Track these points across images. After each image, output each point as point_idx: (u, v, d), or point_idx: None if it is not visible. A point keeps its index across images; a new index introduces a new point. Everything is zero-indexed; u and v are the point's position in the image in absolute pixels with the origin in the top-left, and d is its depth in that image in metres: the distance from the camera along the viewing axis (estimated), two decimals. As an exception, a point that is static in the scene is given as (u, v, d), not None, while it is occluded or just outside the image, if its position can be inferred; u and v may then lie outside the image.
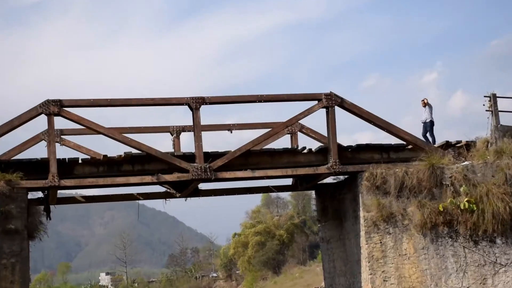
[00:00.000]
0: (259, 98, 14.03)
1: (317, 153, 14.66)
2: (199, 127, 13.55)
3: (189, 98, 13.50)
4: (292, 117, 14.33)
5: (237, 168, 14.01)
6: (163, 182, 13.76)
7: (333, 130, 14.11)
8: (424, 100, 18.59)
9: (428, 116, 18.25)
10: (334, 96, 14.17)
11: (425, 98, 18.60)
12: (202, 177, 13.36)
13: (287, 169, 14.16)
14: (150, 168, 13.67)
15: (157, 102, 13.53)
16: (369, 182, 13.98)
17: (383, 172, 14.07)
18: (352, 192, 14.73)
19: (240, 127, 17.78)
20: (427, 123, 18.09)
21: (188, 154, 13.83)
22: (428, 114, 18.22)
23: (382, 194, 14.05)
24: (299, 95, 14.31)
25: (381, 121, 14.53)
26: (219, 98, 13.89)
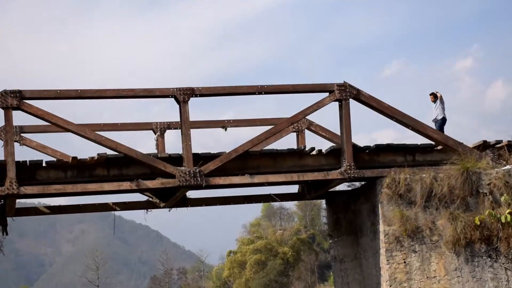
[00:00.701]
0: (259, 89, 14.04)
1: (328, 155, 14.69)
2: (187, 124, 13.56)
3: (175, 89, 13.52)
4: (298, 112, 14.33)
5: (233, 173, 14.03)
6: (144, 189, 13.76)
7: (347, 127, 14.14)
8: (434, 93, 18.47)
9: (440, 112, 18.23)
10: (349, 86, 14.19)
11: (436, 91, 18.50)
12: (191, 184, 13.38)
13: (292, 174, 14.20)
14: (129, 172, 13.69)
15: (138, 93, 13.54)
16: (390, 190, 14.01)
17: (408, 177, 14.09)
18: (370, 202, 14.76)
19: (236, 124, 17.81)
20: (439, 121, 18.00)
21: (174, 156, 13.85)
22: (440, 110, 18.20)
23: (406, 204, 14.07)
24: (307, 86, 14.33)
25: (405, 116, 14.55)
26: (211, 89, 13.91)
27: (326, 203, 17.62)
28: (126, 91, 13.49)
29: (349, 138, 14.17)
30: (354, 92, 14.19)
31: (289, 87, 14.29)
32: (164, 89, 13.62)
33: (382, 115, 14.54)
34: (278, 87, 14.30)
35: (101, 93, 13.38)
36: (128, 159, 13.46)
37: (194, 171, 13.40)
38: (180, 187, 13.56)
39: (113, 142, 13.16)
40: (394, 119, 14.55)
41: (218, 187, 14.80)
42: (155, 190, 14.43)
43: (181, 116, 13.59)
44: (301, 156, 14.69)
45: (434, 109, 18.24)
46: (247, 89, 14.14)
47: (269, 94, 14.38)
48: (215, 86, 13.96)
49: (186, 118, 13.55)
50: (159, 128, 17.16)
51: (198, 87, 13.67)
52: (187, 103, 13.54)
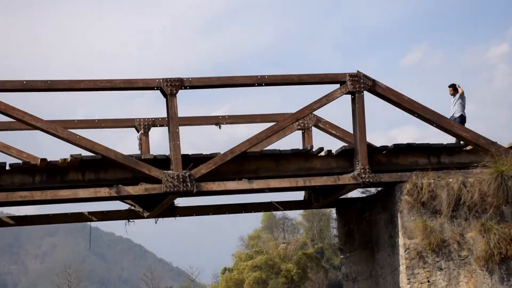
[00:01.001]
0: (259, 80, 14.05)
1: (339, 157, 14.71)
2: (175, 120, 13.56)
3: (162, 79, 13.52)
4: (304, 107, 14.34)
5: (228, 177, 14.05)
6: (125, 196, 13.76)
7: (361, 124, 14.15)
8: (454, 85, 18.18)
9: (459, 109, 17.93)
10: (363, 77, 14.20)
11: (455, 84, 18.25)
12: (180, 190, 13.39)
13: (298, 179, 14.21)
14: (108, 177, 13.69)
15: (117, 85, 13.54)
16: (411, 197, 14.02)
17: (432, 182, 14.11)
18: (387, 211, 14.78)
19: (232, 120, 17.82)
20: (457, 119, 17.69)
21: (160, 157, 13.85)
22: (458, 106, 17.90)
23: (430, 214, 14.09)
24: (314, 76, 14.34)
25: (428, 111, 14.56)
26: (203, 80, 13.91)
27: (337, 212, 17.64)
28: (103, 82, 13.48)
29: (364, 137, 14.17)
30: (369, 83, 14.20)
31: (294, 78, 14.30)
32: (149, 79, 13.62)
33: (402, 109, 14.54)
34: (281, 77, 14.30)
35: (74, 84, 13.36)
36: (106, 162, 13.45)
37: (183, 175, 13.40)
38: (167, 194, 13.56)
39: (89, 142, 13.15)
40: (416, 114, 14.56)
41: (211, 193, 14.78)
42: (138, 197, 14.41)
43: (168, 111, 13.58)
44: (307, 157, 14.70)
45: (452, 104, 18.02)
46: (245, 80, 14.15)
47: (270, 86, 14.39)
48: (208, 77, 13.96)
49: (174, 114, 13.54)
50: (142, 125, 17.15)
51: (188, 77, 13.67)
52: (175, 96, 13.54)
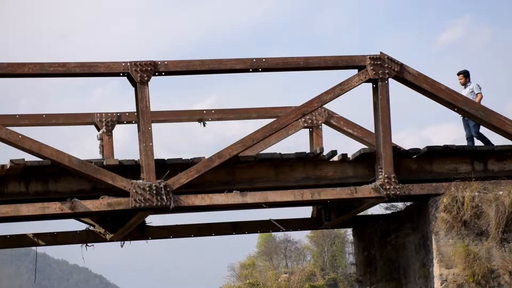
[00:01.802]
0: (255, 64, 14.08)
1: (356, 163, 14.76)
2: (147, 116, 13.58)
3: (129, 63, 13.53)
4: (312, 99, 14.37)
5: (215, 189, 14.09)
6: (81, 213, 13.80)
7: (385, 121, 14.21)
8: (466, 72, 17.87)
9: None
10: (388, 60, 14.26)
11: (467, 70, 17.93)
12: (153, 205, 13.42)
13: (304, 191, 14.26)
14: (59, 188, 13.71)
15: (71, 70, 13.52)
16: (450, 215, 14.07)
17: (476, 196, 14.18)
18: (419, 232, 14.84)
19: (220, 115, 17.87)
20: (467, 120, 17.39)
21: (127, 163, 13.88)
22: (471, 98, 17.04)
23: (474, 237, 14.16)
24: (325, 59, 14.39)
25: (473, 105, 14.63)
26: (183, 64, 13.93)
27: (354, 234, 17.67)
28: (54, 66, 13.45)
29: (388, 137, 14.23)
30: (395, 69, 14.26)
31: (299, 61, 14.33)
32: (112, 63, 13.62)
33: (438, 102, 14.59)
34: (282, 61, 14.32)
35: (16, 68, 13.32)
36: (57, 169, 13.46)
37: (157, 186, 13.43)
38: (136, 210, 13.59)
39: (35, 143, 13.15)
40: (456, 108, 14.62)
41: (193, 209, 14.82)
42: (99, 214, 14.44)
43: (137, 103, 13.60)
44: (316, 163, 14.74)
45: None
46: (237, 64, 14.17)
47: (269, 71, 14.44)
48: (189, 60, 13.96)
49: (145, 107, 13.56)
50: (104, 122, 17.18)
51: (164, 60, 13.71)
52: (147, 84, 13.56)
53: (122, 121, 17.31)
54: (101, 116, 17.20)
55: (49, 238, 16.05)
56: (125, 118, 17.26)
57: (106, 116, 17.21)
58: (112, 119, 17.23)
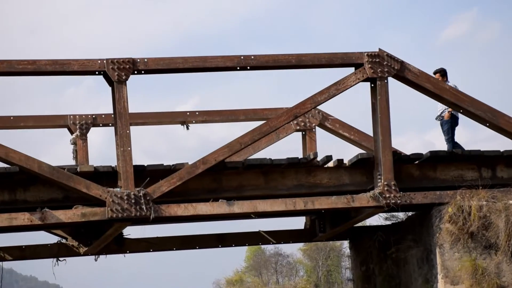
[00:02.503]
0: (242, 61, 14.08)
1: (353, 169, 14.77)
2: (125, 118, 13.55)
3: (106, 60, 13.51)
4: (305, 99, 14.37)
5: (200, 198, 14.08)
6: (53, 225, 13.76)
7: (384, 123, 14.21)
8: (443, 70, 17.65)
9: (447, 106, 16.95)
10: (388, 58, 14.27)
11: (444, 69, 17.69)
12: (131, 215, 13.38)
13: (296, 200, 14.23)
14: (28, 197, 13.67)
15: (42, 68, 13.49)
16: (455, 226, 14.07)
17: (484, 205, 14.19)
18: (421, 245, 14.84)
19: (205, 117, 17.88)
20: (445, 122, 17.41)
21: (103, 169, 13.86)
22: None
23: (481, 250, 14.17)
24: (319, 56, 14.40)
25: (479, 105, 14.63)
26: (164, 62, 13.91)
27: (351, 246, 17.69)
28: (23, 64, 13.42)
29: (388, 141, 14.23)
30: (395, 66, 14.27)
31: (290, 59, 14.34)
32: (87, 60, 13.59)
33: (441, 102, 14.68)
34: (273, 58, 14.32)
35: (-18, 67, 13.34)
36: (26, 176, 13.42)
37: (136, 194, 13.39)
38: (113, 221, 13.56)
39: (2, 148, 13.09)
40: (461, 109, 14.63)
41: (175, 220, 14.82)
42: (72, 226, 14.38)
43: (114, 105, 13.58)
44: (309, 170, 14.74)
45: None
46: (223, 62, 14.16)
47: (258, 70, 14.46)
48: (171, 57, 13.96)
49: (123, 109, 13.53)
50: (78, 125, 17.16)
51: (143, 58, 13.69)
52: (125, 83, 13.54)
53: (98, 123, 17.29)
54: (75, 118, 17.16)
55: (17, 252, 16.00)
56: (101, 121, 17.23)
57: (80, 118, 17.18)
58: (87, 121, 17.20)
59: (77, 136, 17.11)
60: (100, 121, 17.25)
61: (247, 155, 16.29)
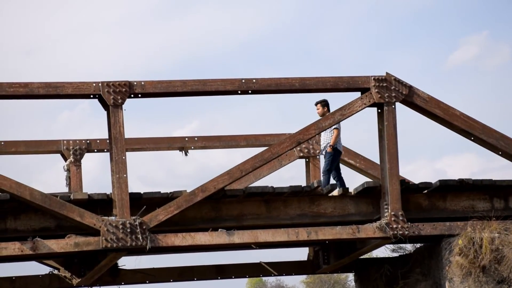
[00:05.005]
0: (244, 85, 14.08)
1: (358, 198, 14.75)
2: (121, 143, 13.53)
3: (101, 83, 13.51)
4: (309, 125, 14.37)
5: (198, 227, 14.06)
6: (45, 254, 13.69)
7: (391, 150, 14.19)
8: (325, 102, 16.59)
9: (328, 138, 16.43)
10: (395, 82, 14.26)
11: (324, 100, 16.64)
12: (127, 245, 13.35)
13: (299, 230, 14.20)
14: (19, 226, 13.66)
15: (35, 91, 13.47)
16: (466, 259, 14.01)
17: (496, 237, 14.13)
18: (430, 279, 14.83)
19: (204, 143, 17.87)
20: (327, 155, 16.50)
21: (98, 197, 13.82)
22: (329, 134, 16.36)
23: (494, 284, 14.13)
24: (324, 80, 14.40)
25: (492, 133, 14.63)
26: (161, 85, 13.91)
27: (356, 279, 17.63)
28: (15, 87, 13.41)
29: (395, 169, 14.21)
30: (403, 91, 14.26)
31: (294, 83, 14.34)
32: (82, 83, 13.59)
33: (452, 130, 14.62)
34: (275, 82, 14.33)
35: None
36: (17, 204, 13.40)
37: (131, 223, 13.35)
38: (107, 251, 13.52)
39: (-7, 174, 13.10)
40: (472, 136, 14.62)
41: (172, 250, 14.78)
42: (65, 256, 14.34)
43: (110, 129, 13.56)
44: (313, 198, 14.71)
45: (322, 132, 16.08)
46: (224, 85, 14.17)
47: (260, 93, 14.51)
48: (169, 80, 13.96)
49: (118, 134, 13.52)
50: (72, 151, 17.15)
51: (140, 80, 13.69)
52: (121, 107, 13.54)
53: (92, 149, 17.31)
54: (68, 143, 17.17)
55: (6, 283, 15.94)
56: (96, 146, 17.24)
57: (74, 144, 17.18)
58: (81, 146, 17.20)
59: (71, 162, 17.11)
60: (94, 146, 17.26)
61: (248, 183, 16.26)
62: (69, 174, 17.14)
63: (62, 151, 17.19)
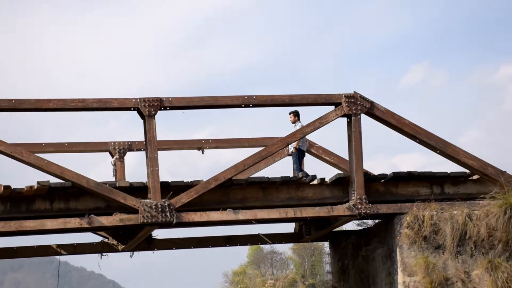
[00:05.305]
0: (246, 100, 14.08)
1: (333, 186, 14.71)
2: (154, 144, 13.54)
3: (139, 99, 13.52)
4: (295, 130, 14.42)
5: (212, 207, 14.03)
6: (97, 227, 13.73)
7: (358, 150, 14.18)
8: (297, 112, 16.52)
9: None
10: (360, 98, 14.24)
11: (298, 111, 16.54)
12: (159, 221, 13.35)
13: (288, 209, 14.19)
14: (78, 206, 13.65)
15: (89, 105, 13.52)
16: (412, 231, 14.01)
17: (434, 215, 14.12)
18: (385, 245, 14.76)
19: (216, 144, 17.84)
20: (294, 154, 16.50)
21: (137, 185, 13.82)
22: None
23: (432, 249, 14.09)
24: (307, 97, 14.40)
25: (432, 137, 14.61)
26: (184, 100, 13.92)
27: (330, 246, 17.59)
28: (75, 102, 13.45)
29: (360, 164, 14.19)
30: (366, 105, 14.25)
31: (284, 99, 14.33)
32: (125, 99, 13.61)
33: (403, 134, 14.59)
34: (270, 98, 14.33)
35: (42, 104, 13.33)
36: (77, 189, 13.39)
37: (162, 204, 13.35)
38: (144, 225, 13.51)
39: (58, 167, 13.10)
40: (418, 140, 14.60)
41: (192, 225, 14.73)
42: (112, 228, 14.35)
43: (145, 134, 13.56)
44: (298, 186, 14.69)
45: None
46: (231, 101, 14.17)
47: (259, 107, 14.43)
48: (190, 96, 13.97)
49: (152, 137, 13.52)
50: (117, 150, 17.16)
51: (168, 97, 13.69)
52: (154, 117, 13.54)
53: (133, 149, 17.31)
54: (115, 144, 17.19)
55: (70, 248, 15.99)
56: (135, 146, 17.25)
57: (119, 145, 17.19)
58: (124, 147, 17.22)
59: (116, 158, 17.12)
60: (134, 147, 17.27)
61: (249, 174, 16.22)
62: (115, 167, 17.14)
63: (110, 150, 17.19)
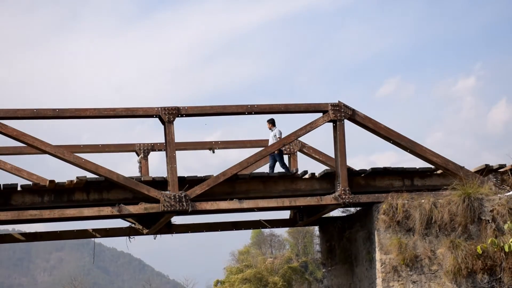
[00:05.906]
0: (249, 109, 14.08)
1: (321, 179, 14.69)
2: (172, 145, 13.54)
3: (160, 108, 13.52)
4: (290, 133, 14.38)
5: (221, 198, 14.02)
6: (126, 215, 13.73)
7: (342, 150, 14.17)
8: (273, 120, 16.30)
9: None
10: (344, 107, 14.24)
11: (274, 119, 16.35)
12: (176, 209, 13.34)
13: (284, 199, 14.18)
14: (110, 197, 13.64)
15: (119, 113, 13.54)
16: (387, 216, 14.00)
17: (406, 203, 14.10)
18: (365, 229, 14.75)
19: (224, 145, 17.82)
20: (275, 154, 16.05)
21: (158, 179, 13.82)
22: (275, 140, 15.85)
23: (404, 232, 14.07)
24: (299, 106, 14.38)
25: (403, 138, 14.60)
26: (198, 109, 13.93)
27: (319, 230, 17.59)
28: (107, 111, 13.48)
29: (344, 161, 14.18)
30: (349, 113, 14.24)
31: (280, 107, 14.33)
32: (148, 108, 13.62)
33: (378, 136, 14.58)
34: (269, 106, 14.33)
35: (80, 112, 13.35)
36: (109, 183, 13.40)
37: (179, 195, 13.35)
38: (164, 213, 13.50)
39: (93, 165, 13.10)
40: (391, 141, 14.59)
41: (205, 212, 14.74)
42: (138, 215, 14.36)
43: (166, 137, 13.57)
44: (293, 180, 14.67)
45: (271, 138, 16.09)
46: (236, 109, 14.17)
47: (259, 114, 14.43)
48: (202, 106, 14.01)
49: (171, 139, 13.53)
50: (142, 150, 17.15)
51: (184, 106, 13.70)
52: (172, 123, 13.54)
53: (155, 149, 17.30)
54: (140, 145, 17.18)
55: (103, 231, 15.99)
56: (157, 147, 17.24)
57: (144, 146, 17.19)
58: (148, 148, 17.21)
59: (141, 157, 17.11)
60: (156, 147, 17.25)
61: (252, 170, 16.23)
62: (140, 165, 17.14)
63: (136, 150, 17.17)
